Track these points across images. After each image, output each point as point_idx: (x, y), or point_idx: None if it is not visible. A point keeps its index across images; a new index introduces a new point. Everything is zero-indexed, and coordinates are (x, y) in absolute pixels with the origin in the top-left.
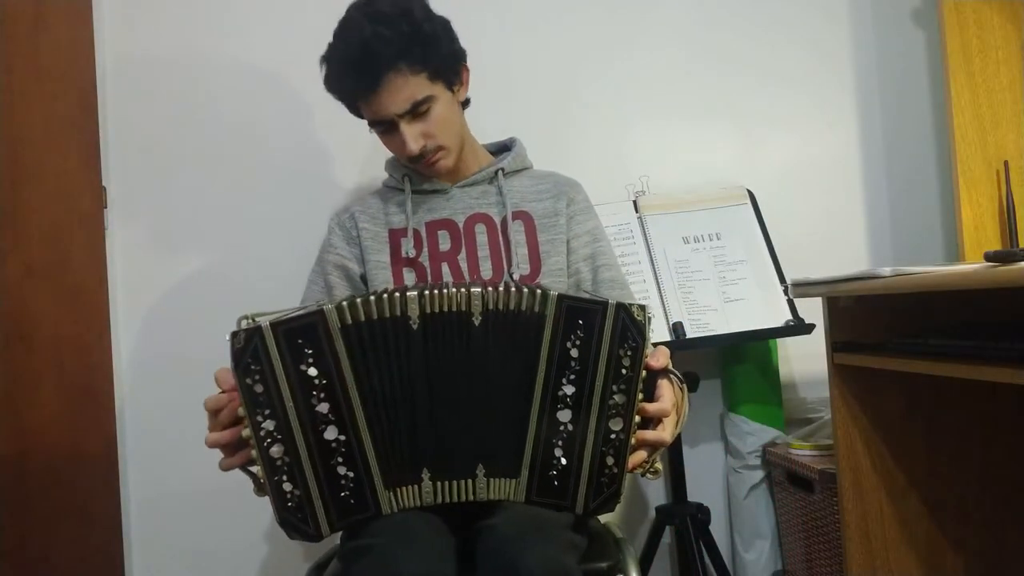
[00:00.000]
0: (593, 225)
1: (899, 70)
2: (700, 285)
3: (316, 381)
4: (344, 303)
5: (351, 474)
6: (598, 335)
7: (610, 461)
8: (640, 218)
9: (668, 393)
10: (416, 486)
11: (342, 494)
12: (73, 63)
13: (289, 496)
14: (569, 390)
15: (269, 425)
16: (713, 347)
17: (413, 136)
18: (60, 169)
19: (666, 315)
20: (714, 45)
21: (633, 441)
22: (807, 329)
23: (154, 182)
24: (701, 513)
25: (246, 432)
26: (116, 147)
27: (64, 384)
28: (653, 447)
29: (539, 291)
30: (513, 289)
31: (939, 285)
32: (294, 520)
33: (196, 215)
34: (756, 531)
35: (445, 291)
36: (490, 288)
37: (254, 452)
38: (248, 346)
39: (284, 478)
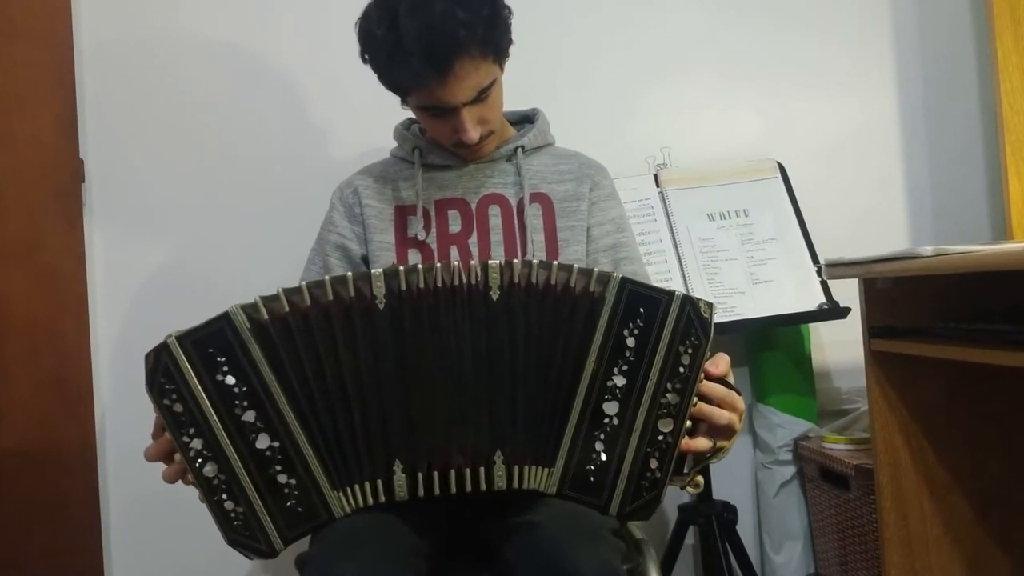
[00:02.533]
0: (618, 214)
1: (942, 33)
2: (726, 266)
3: (236, 389)
4: (257, 300)
5: (293, 481)
6: (659, 326)
7: (654, 464)
8: (661, 193)
9: (737, 403)
10: (376, 482)
11: (288, 503)
12: (49, 25)
13: (233, 515)
14: (619, 381)
15: (197, 444)
16: (740, 333)
17: (473, 123)
18: (34, 139)
19: None
20: (743, 6)
21: (681, 447)
22: (842, 313)
23: (136, 156)
24: (727, 512)
25: (178, 456)
26: (94, 117)
27: (38, 373)
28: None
29: (597, 271)
30: (556, 267)
31: (985, 265)
32: (243, 539)
33: (183, 192)
34: (786, 531)
35: (439, 266)
36: (515, 262)
37: (189, 476)
38: (159, 365)
39: (224, 496)
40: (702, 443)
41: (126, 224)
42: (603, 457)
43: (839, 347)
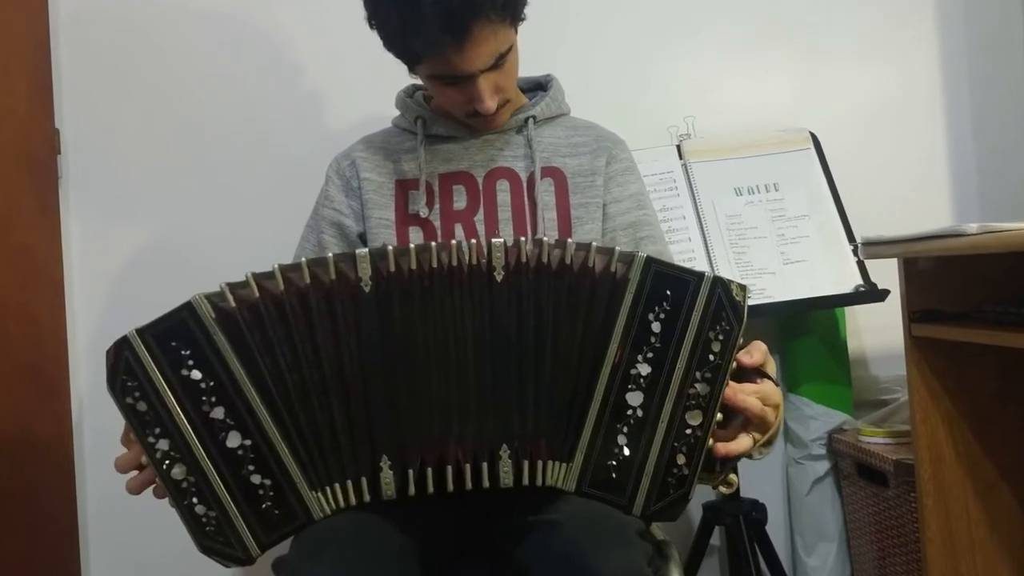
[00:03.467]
0: (637, 189)
1: None
2: (755, 244)
3: (203, 385)
4: (223, 286)
5: (268, 482)
6: (687, 310)
7: (681, 460)
8: (684, 166)
9: (773, 396)
10: (360, 480)
11: (263, 506)
12: None
13: (205, 520)
14: (644, 370)
15: (163, 445)
16: (770, 317)
17: (490, 91)
18: (5, 106)
19: None
20: None
21: (710, 443)
22: (880, 296)
23: (116, 126)
24: (756, 511)
25: (145, 459)
26: (71, 84)
27: (10, 361)
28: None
29: (619, 250)
30: (572, 245)
31: None
32: (217, 546)
33: (167, 166)
34: (820, 532)
35: (434, 245)
36: (522, 240)
37: (158, 480)
38: (119, 362)
39: (195, 500)
40: (743, 443)
41: (106, 200)
42: (626, 452)
43: (877, 332)
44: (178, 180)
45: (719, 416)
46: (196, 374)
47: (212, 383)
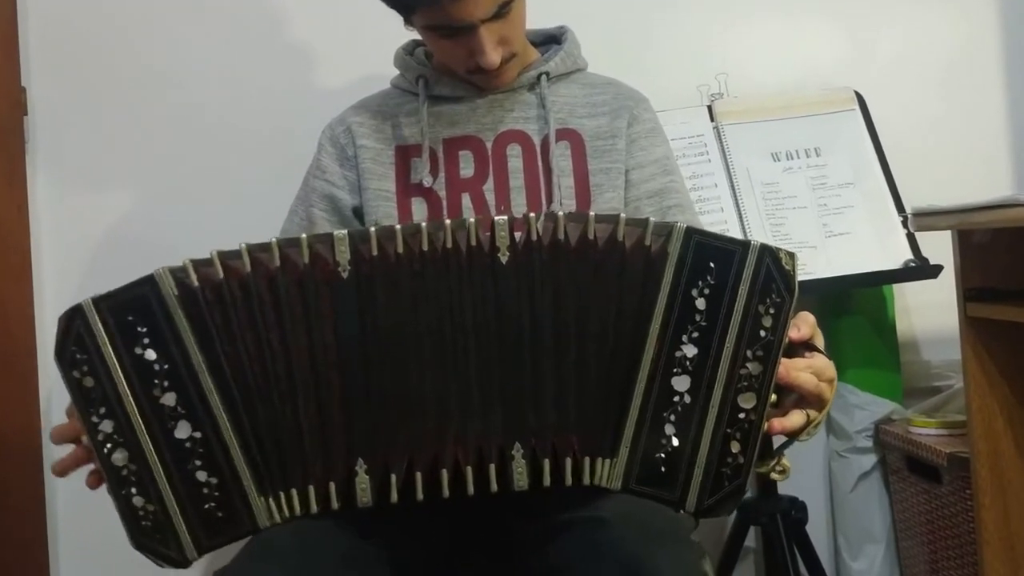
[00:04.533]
0: (663, 153)
1: None
2: (794, 215)
3: (156, 367)
4: (186, 262)
5: (214, 480)
6: (733, 284)
7: (735, 447)
8: (716, 128)
9: (827, 370)
10: (328, 485)
11: (206, 506)
12: None
13: (142, 513)
14: (690, 351)
15: (107, 426)
16: (811, 295)
17: (493, 43)
18: None
19: None
20: None
21: (766, 426)
22: (932, 272)
23: (89, 86)
24: (795, 510)
25: (85, 439)
26: (39, 39)
27: None
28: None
29: (653, 221)
30: (594, 218)
31: None
32: (151, 543)
33: (144, 130)
34: (866, 533)
35: (425, 226)
36: (532, 215)
37: (95, 462)
38: (71, 331)
39: (133, 491)
40: (796, 419)
41: (78, 166)
42: (675, 442)
43: (929, 312)
44: (157, 147)
45: (773, 397)
46: (151, 354)
47: (167, 366)
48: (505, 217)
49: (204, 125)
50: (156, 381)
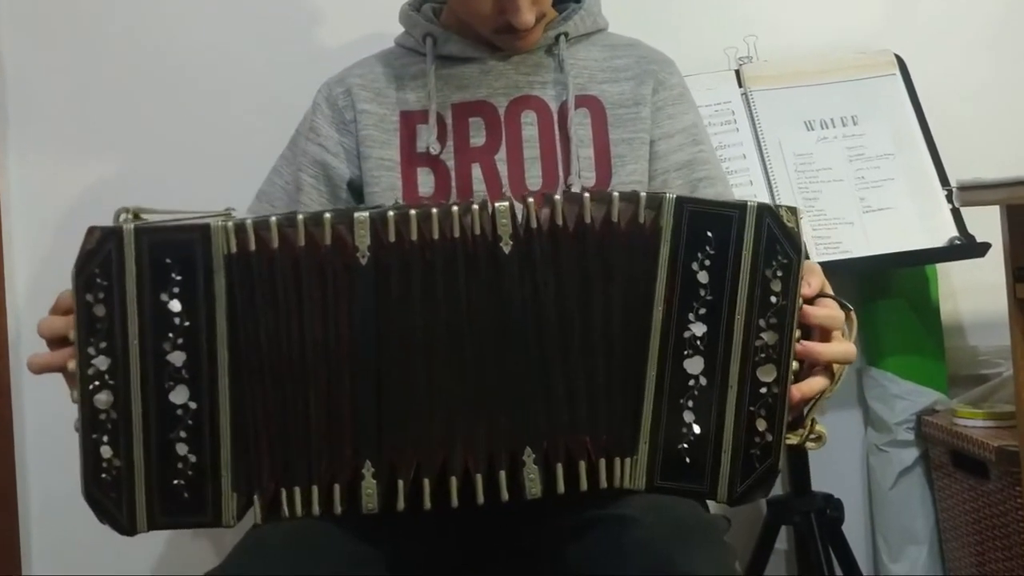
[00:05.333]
0: (691, 121)
1: None
2: (829, 189)
3: (176, 320)
4: (249, 221)
5: (192, 458)
6: (735, 250)
7: (762, 425)
8: (745, 95)
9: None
10: (332, 487)
11: (175, 482)
12: None
13: (105, 465)
14: (699, 329)
15: (101, 363)
16: (848, 275)
17: (529, 1)
18: None
19: None
20: None
21: (792, 396)
22: (980, 250)
23: (67, 43)
24: (830, 508)
25: (71, 365)
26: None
27: None
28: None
29: (644, 194)
30: (589, 198)
31: None
32: (104, 498)
33: (128, 95)
34: (907, 533)
35: (436, 211)
36: (531, 200)
37: (74, 392)
38: (99, 251)
39: (104, 439)
40: (817, 383)
41: (54, 133)
42: (696, 429)
43: (975, 294)
44: (140, 111)
45: (795, 364)
46: (175, 306)
47: (187, 323)
48: (506, 203)
49: (191, 89)
50: (170, 335)
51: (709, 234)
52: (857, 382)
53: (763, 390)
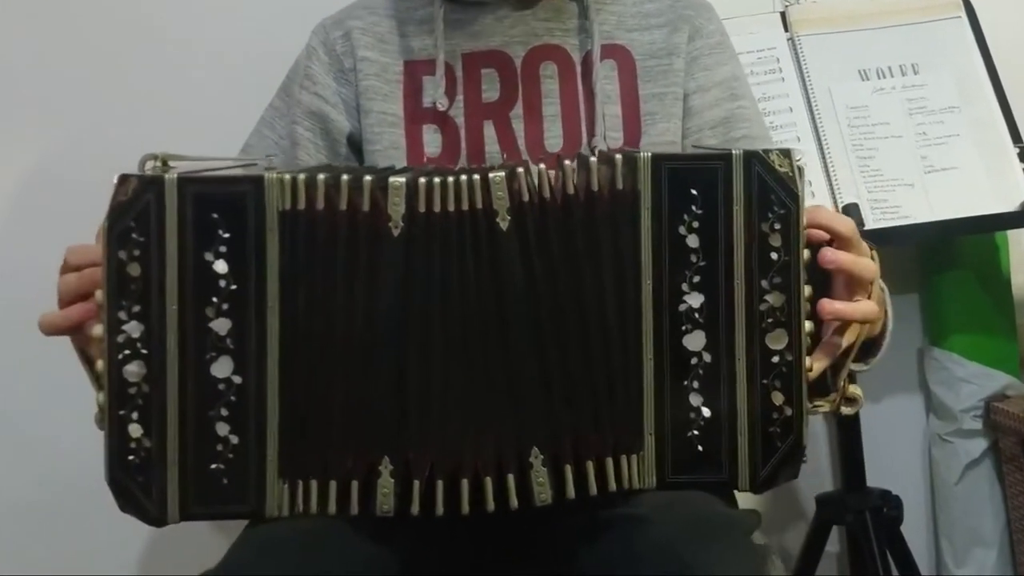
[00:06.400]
0: (729, 73)
1: None
2: (887, 146)
3: (222, 284)
4: (302, 176)
5: (235, 439)
6: (725, 208)
7: (778, 399)
8: (792, 40)
9: (869, 266)
10: (349, 484)
11: (213, 466)
12: None
13: (134, 446)
14: (695, 300)
15: (133, 329)
16: (907, 244)
17: None
18: None
19: (832, 192)
20: None
21: (809, 364)
22: None
23: None
24: (888, 506)
25: (97, 330)
26: None
27: None
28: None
29: (619, 157)
30: (572, 165)
31: None
32: (131, 484)
33: (89, 44)
34: (974, 533)
35: (452, 180)
36: (519, 170)
37: (100, 363)
38: (136, 202)
39: (134, 416)
40: (863, 306)
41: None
42: (706, 412)
43: None
44: (105, 61)
45: (808, 326)
46: (221, 267)
47: (234, 287)
48: (501, 174)
49: (162, 34)
50: (215, 300)
51: (693, 192)
52: (918, 364)
53: (775, 359)
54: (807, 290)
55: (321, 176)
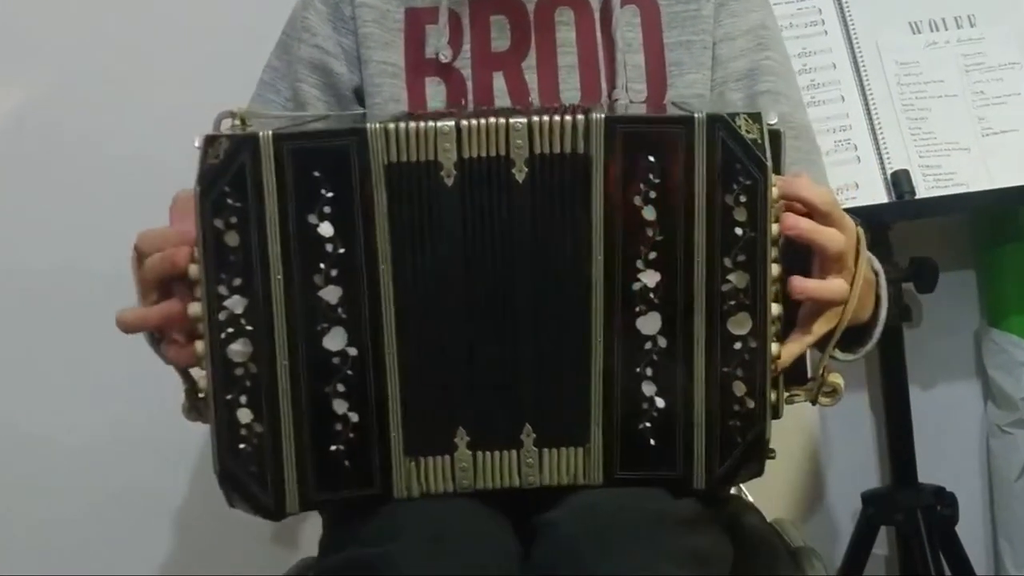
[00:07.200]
0: (758, 20)
1: None
2: (940, 106)
3: (329, 247)
4: (395, 125)
5: (354, 417)
6: (685, 175)
7: (740, 389)
8: None
9: (843, 216)
10: (446, 457)
11: (333, 448)
12: None
13: (244, 433)
14: (650, 279)
15: (236, 305)
16: (963, 214)
17: None
18: None
19: (880, 157)
20: None
21: (775, 350)
22: None
23: None
24: (942, 504)
25: (195, 308)
26: None
27: None
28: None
29: (580, 116)
30: (561, 117)
31: None
32: (243, 475)
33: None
34: None
35: (484, 121)
36: (538, 118)
37: (200, 345)
38: (229, 165)
39: (242, 400)
40: (835, 285)
41: None
42: (659, 403)
43: None
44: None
45: (775, 309)
46: (326, 229)
47: (342, 251)
48: (524, 120)
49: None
50: (322, 266)
51: (651, 159)
52: (975, 347)
53: (737, 345)
54: (775, 269)
55: (411, 124)
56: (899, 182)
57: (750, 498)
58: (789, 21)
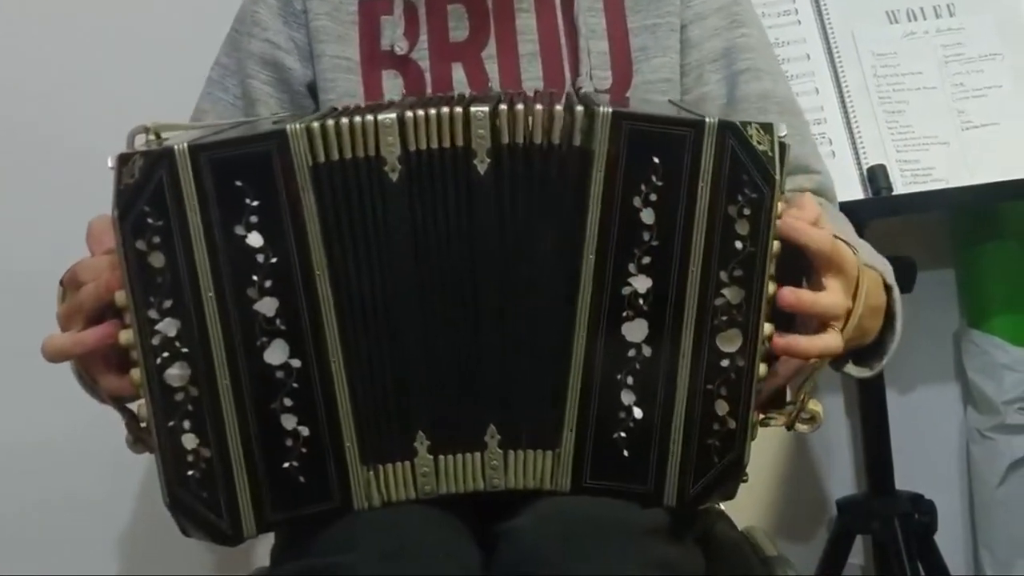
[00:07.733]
0: None
1: None
2: (918, 99)
3: (260, 258)
4: (320, 123)
5: (305, 431)
6: (689, 183)
7: (722, 408)
8: None
9: (843, 260)
10: (406, 463)
11: (286, 464)
12: None
13: (191, 459)
14: (641, 285)
15: (168, 328)
16: (942, 211)
17: None
18: None
19: (856, 152)
20: None
21: (763, 371)
22: None
23: None
24: (920, 512)
25: (127, 336)
26: None
27: None
28: (802, 368)
29: (580, 108)
30: (538, 106)
31: None
32: (195, 502)
33: None
34: (1019, 542)
35: (435, 111)
36: (504, 106)
37: (136, 373)
38: (147, 182)
39: (185, 425)
40: (829, 339)
41: None
42: (637, 413)
43: None
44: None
45: (768, 328)
46: (255, 239)
47: (274, 260)
48: (485, 108)
49: None
50: (255, 278)
51: (655, 160)
52: (954, 349)
53: (724, 363)
54: (771, 288)
55: (343, 120)
56: (875, 178)
57: (720, 505)
58: (761, 10)
